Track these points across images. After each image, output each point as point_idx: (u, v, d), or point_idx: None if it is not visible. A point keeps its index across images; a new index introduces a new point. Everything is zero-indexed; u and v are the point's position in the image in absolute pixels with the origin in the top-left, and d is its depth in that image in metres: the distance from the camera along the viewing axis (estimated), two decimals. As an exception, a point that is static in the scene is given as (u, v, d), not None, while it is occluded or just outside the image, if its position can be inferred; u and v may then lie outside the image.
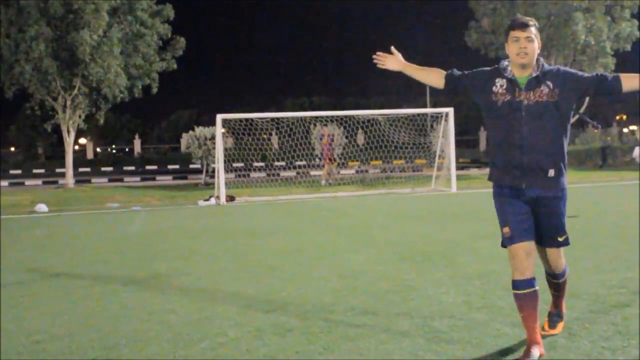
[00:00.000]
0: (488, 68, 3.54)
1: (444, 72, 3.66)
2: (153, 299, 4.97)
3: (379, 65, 3.80)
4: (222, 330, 3.96)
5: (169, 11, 26.28)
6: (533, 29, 3.34)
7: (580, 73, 3.43)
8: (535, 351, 3.22)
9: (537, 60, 3.37)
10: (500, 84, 3.39)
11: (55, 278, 6.06)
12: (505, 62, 3.47)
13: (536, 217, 3.39)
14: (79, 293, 5.30)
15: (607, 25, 27.53)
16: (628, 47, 28.48)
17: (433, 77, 3.69)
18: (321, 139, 21.14)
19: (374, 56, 3.77)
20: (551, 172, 3.31)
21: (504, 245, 3.40)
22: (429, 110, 23.89)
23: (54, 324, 4.26)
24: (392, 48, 3.76)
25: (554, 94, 3.28)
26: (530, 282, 3.27)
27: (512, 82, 3.35)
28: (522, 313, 3.32)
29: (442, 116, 19.23)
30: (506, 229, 3.34)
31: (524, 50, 3.31)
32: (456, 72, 3.62)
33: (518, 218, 3.32)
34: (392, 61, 3.74)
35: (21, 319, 4.45)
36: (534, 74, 3.33)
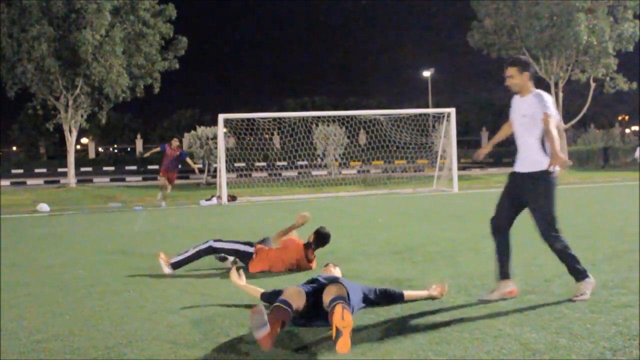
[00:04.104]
0: None
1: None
2: (154, 298, 4.97)
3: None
4: (223, 331, 3.95)
5: (171, 11, 26.32)
6: None
7: None
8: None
9: None
10: None
11: (57, 277, 6.07)
12: None
13: None
14: (80, 292, 5.31)
15: (610, 25, 27.49)
16: (630, 48, 28.43)
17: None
18: (163, 149, 15.67)
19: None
20: None
21: None
22: (430, 110, 23.88)
23: (54, 324, 4.26)
24: None
25: None
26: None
27: None
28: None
29: (444, 116, 19.24)
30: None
31: None
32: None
33: None
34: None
35: (22, 318, 4.45)
36: None
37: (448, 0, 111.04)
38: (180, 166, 15.67)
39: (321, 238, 6.08)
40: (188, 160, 15.70)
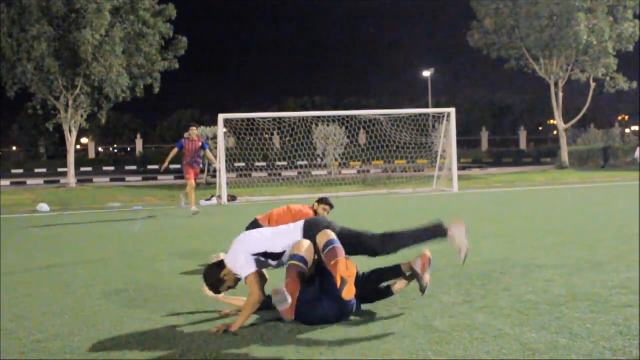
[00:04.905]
0: None
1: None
2: (154, 298, 4.97)
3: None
4: (223, 330, 3.95)
5: (171, 11, 26.29)
6: None
7: None
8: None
9: None
10: None
11: (57, 277, 6.07)
12: None
13: None
14: (80, 292, 5.31)
15: (610, 25, 27.49)
16: (630, 48, 28.42)
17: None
18: (180, 146, 12.95)
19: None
20: None
21: None
22: (430, 110, 23.87)
23: (54, 324, 4.26)
24: None
25: None
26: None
27: None
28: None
29: (444, 116, 19.24)
30: None
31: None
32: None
33: None
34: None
35: (22, 318, 4.45)
36: None
37: (448, 0, 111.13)
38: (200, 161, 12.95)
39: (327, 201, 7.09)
40: (208, 153, 13.16)
